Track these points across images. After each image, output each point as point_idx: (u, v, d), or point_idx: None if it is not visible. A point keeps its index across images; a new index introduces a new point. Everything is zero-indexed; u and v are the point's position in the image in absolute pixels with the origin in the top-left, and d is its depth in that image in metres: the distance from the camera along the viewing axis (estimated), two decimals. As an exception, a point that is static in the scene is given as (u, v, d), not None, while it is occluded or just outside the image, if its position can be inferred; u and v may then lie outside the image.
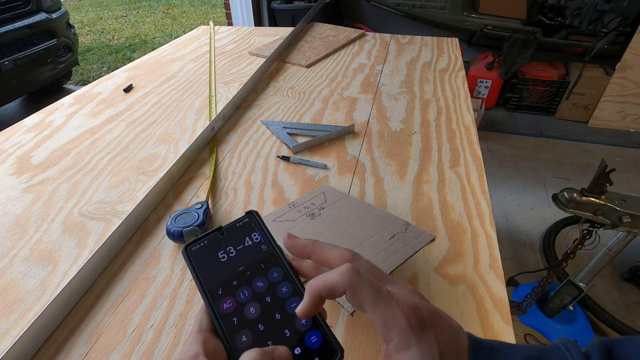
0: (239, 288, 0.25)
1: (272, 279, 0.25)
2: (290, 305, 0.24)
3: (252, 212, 0.28)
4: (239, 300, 0.24)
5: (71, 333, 0.42)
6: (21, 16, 2.36)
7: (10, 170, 0.69)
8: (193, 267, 0.25)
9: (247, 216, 0.28)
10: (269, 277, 0.25)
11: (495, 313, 0.43)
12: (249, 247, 0.26)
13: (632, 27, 2.10)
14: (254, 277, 0.25)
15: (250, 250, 0.26)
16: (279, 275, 0.25)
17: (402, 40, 1.26)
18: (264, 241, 0.27)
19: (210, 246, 0.26)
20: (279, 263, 0.26)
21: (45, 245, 0.53)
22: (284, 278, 0.25)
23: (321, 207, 0.54)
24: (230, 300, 0.24)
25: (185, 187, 0.63)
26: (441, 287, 0.46)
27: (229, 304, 0.24)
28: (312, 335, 0.23)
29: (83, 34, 4.72)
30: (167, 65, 1.12)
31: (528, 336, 1.25)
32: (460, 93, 0.91)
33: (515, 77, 2.45)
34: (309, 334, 0.23)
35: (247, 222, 0.28)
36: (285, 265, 0.26)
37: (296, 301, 0.24)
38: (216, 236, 0.27)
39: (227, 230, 0.27)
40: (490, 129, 2.38)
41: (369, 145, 0.73)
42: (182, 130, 0.79)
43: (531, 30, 2.32)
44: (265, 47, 1.21)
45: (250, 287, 0.25)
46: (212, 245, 0.26)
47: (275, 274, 0.25)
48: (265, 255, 0.26)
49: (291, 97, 0.92)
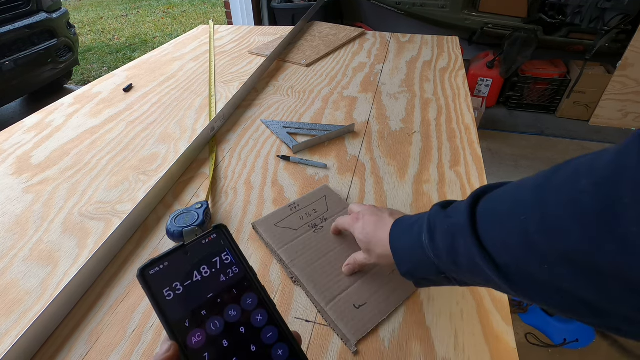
0: (209, 318, 0.22)
1: (246, 306, 0.23)
2: (266, 335, 0.22)
3: (220, 227, 0.25)
4: (209, 332, 0.21)
5: (71, 333, 0.42)
6: (21, 16, 2.36)
7: (10, 170, 0.69)
8: (152, 296, 0.21)
9: (214, 231, 0.24)
10: (242, 304, 0.23)
11: (495, 313, 0.42)
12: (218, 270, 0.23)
13: (633, 25, 2.10)
14: (226, 305, 0.22)
15: (220, 273, 0.23)
16: (253, 301, 0.23)
17: (403, 39, 1.26)
18: (235, 262, 0.24)
19: (172, 269, 0.22)
20: (252, 287, 0.23)
21: (45, 245, 0.53)
22: (259, 304, 0.23)
23: (323, 217, 0.54)
24: (200, 334, 0.21)
25: (185, 187, 0.63)
26: (441, 287, 0.45)
27: (198, 337, 0.21)
28: None
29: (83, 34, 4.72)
30: (167, 64, 1.12)
31: (529, 335, 1.25)
32: (461, 92, 0.90)
33: (516, 75, 2.45)
34: None
35: (214, 239, 0.24)
36: (259, 290, 0.23)
37: (272, 330, 0.22)
38: (179, 256, 0.23)
39: (192, 248, 0.23)
40: (490, 128, 2.37)
41: (369, 145, 0.72)
42: (182, 129, 0.79)
43: (532, 28, 2.31)
44: (265, 46, 1.21)
45: (222, 317, 0.22)
46: (174, 267, 0.22)
47: (249, 301, 0.23)
48: (237, 279, 0.23)
49: (291, 97, 0.92)
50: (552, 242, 0.22)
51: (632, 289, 0.19)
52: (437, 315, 0.43)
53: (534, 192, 0.24)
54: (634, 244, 0.17)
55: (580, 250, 0.20)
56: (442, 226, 0.31)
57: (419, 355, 0.39)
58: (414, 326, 0.42)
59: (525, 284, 0.25)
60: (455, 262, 0.30)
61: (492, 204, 0.28)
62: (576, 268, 0.21)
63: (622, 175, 0.18)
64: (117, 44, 4.38)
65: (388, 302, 0.43)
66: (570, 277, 0.21)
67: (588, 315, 0.22)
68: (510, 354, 0.39)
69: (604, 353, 1.21)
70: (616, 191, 0.18)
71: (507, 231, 0.25)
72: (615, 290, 0.19)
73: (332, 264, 0.47)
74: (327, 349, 0.40)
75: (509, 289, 0.26)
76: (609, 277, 0.19)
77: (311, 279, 0.46)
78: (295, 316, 0.43)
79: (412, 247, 0.35)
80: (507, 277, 0.26)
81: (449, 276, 0.33)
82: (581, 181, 0.20)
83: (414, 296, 0.45)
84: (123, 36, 4.60)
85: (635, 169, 0.17)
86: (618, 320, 0.21)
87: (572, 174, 0.22)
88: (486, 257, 0.26)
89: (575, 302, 0.22)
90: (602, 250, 0.19)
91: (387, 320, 0.42)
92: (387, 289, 0.45)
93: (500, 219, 0.26)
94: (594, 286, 0.20)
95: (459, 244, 0.29)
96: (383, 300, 0.44)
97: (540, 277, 0.23)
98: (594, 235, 0.19)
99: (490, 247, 0.27)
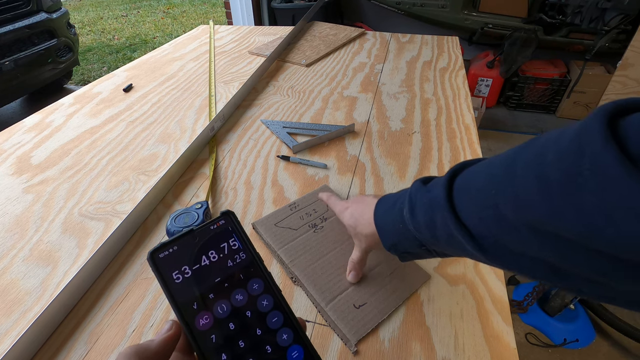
0: (216, 302, 0.22)
1: (252, 291, 0.23)
2: (271, 320, 0.23)
3: (228, 213, 0.25)
4: (216, 315, 0.22)
5: (71, 333, 0.42)
6: (21, 16, 2.36)
7: (10, 170, 0.69)
8: (162, 278, 0.22)
9: (222, 217, 0.25)
10: (248, 289, 0.23)
11: (496, 313, 0.42)
12: (226, 255, 0.24)
13: (633, 25, 2.10)
14: (233, 289, 0.23)
15: (228, 258, 0.24)
16: (260, 287, 0.23)
17: (403, 39, 1.26)
18: (242, 248, 0.24)
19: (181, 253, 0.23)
20: (259, 273, 0.24)
21: (45, 246, 0.53)
22: (265, 290, 0.23)
23: (323, 217, 0.54)
24: (207, 316, 0.22)
25: (185, 187, 0.63)
26: (441, 287, 0.45)
27: (205, 320, 0.22)
28: (293, 351, 0.22)
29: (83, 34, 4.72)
30: (167, 64, 1.12)
31: (529, 335, 1.25)
32: (461, 92, 0.90)
33: (516, 75, 2.45)
34: (291, 349, 0.22)
35: (222, 225, 0.25)
36: (265, 276, 0.24)
37: (277, 315, 0.23)
38: (188, 241, 0.23)
39: (200, 234, 0.24)
40: (491, 128, 2.37)
41: (369, 145, 0.72)
42: (182, 129, 0.79)
43: (532, 28, 2.31)
44: (265, 46, 1.21)
45: (229, 301, 0.22)
46: (183, 251, 0.23)
47: (256, 286, 0.23)
48: (244, 265, 0.24)
49: (291, 97, 0.92)
50: (520, 213, 0.24)
51: (590, 254, 0.20)
52: (437, 315, 0.43)
53: (505, 167, 0.26)
54: (591, 213, 0.19)
55: (545, 220, 0.22)
56: (422, 201, 0.33)
57: (419, 356, 0.39)
58: (414, 326, 0.42)
59: (498, 253, 0.27)
60: (434, 235, 0.32)
61: (468, 178, 0.30)
62: (542, 237, 0.23)
63: (584, 149, 0.20)
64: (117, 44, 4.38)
65: (388, 302, 0.43)
66: (537, 245, 0.23)
67: (554, 278, 0.24)
68: (510, 354, 0.39)
69: (604, 353, 1.20)
70: (578, 164, 0.20)
71: (480, 204, 0.27)
72: (577, 256, 0.21)
73: (332, 264, 0.47)
74: (327, 349, 0.40)
75: (484, 258, 0.28)
76: (571, 244, 0.21)
77: (311, 279, 0.46)
78: (295, 316, 0.43)
79: (395, 222, 0.36)
80: (481, 248, 0.28)
81: (429, 248, 0.35)
82: (547, 155, 0.22)
83: (414, 296, 0.45)
84: (123, 36, 4.60)
85: (595, 143, 0.19)
86: (580, 282, 0.23)
87: (540, 149, 0.23)
88: (462, 230, 0.28)
89: (543, 267, 0.24)
90: (564, 219, 0.21)
91: (387, 320, 0.42)
92: (387, 289, 0.45)
93: (474, 193, 0.28)
94: (559, 252, 0.22)
95: (437, 218, 0.31)
96: (383, 300, 0.44)
97: (511, 247, 0.25)
98: (557, 205, 0.21)
99: (465, 219, 0.28)
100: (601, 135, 0.19)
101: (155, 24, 4.99)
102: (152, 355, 0.21)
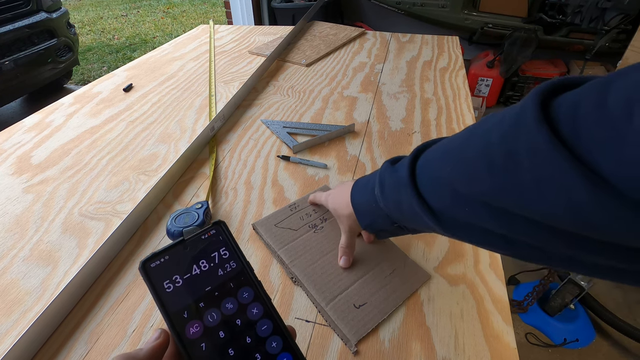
0: (207, 310, 0.23)
1: (242, 300, 0.23)
2: (261, 328, 0.23)
3: (219, 223, 0.25)
4: (206, 324, 0.22)
5: (71, 333, 0.42)
6: (21, 16, 2.36)
7: (10, 170, 0.69)
8: (153, 287, 0.22)
9: (213, 227, 0.25)
10: (238, 297, 0.23)
11: (496, 313, 0.42)
12: (216, 264, 0.24)
13: (633, 24, 2.09)
14: (223, 298, 0.23)
15: (218, 267, 0.24)
16: (249, 295, 0.24)
17: (403, 38, 1.26)
18: (232, 257, 0.24)
19: (172, 262, 0.23)
20: (249, 282, 0.24)
21: (45, 245, 0.53)
22: (255, 298, 0.24)
23: (323, 218, 0.54)
24: (197, 325, 0.22)
25: (185, 187, 0.63)
26: (441, 287, 0.45)
27: (195, 328, 0.22)
28: (283, 358, 0.22)
29: (83, 34, 4.71)
30: (167, 64, 1.12)
31: (529, 335, 1.25)
32: (461, 92, 0.90)
33: (516, 75, 2.44)
34: (280, 356, 0.22)
35: (213, 235, 0.25)
36: (255, 284, 0.24)
37: (267, 323, 0.23)
38: (179, 250, 0.24)
39: (191, 243, 0.24)
40: (491, 128, 2.37)
41: (369, 145, 0.72)
42: (182, 129, 0.79)
43: (532, 28, 2.31)
44: (265, 46, 1.21)
45: (219, 309, 0.23)
46: (174, 261, 0.23)
47: (246, 294, 0.24)
48: (234, 274, 0.24)
49: (291, 97, 0.92)
50: (471, 188, 0.26)
51: (531, 224, 0.23)
52: (437, 315, 0.43)
53: (458, 146, 0.28)
54: (528, 188, 0.21)
55: (492, 195, 0.24)
56: (390, 180, 0.36)
57: (419, 356, 0.39)
58: (414, 326, 0.42)
59: (454, 226, 0.30)
60: (401, 212, 0.35)
61: (428, 158, 0.32)
62: (491, 210, 0.25)
63: (519, 129, 0.22)
64: (117, 43, 4.38)
65: (388, 302, 0.43)
66: (487, 217, 0.26)
67: (503, 247, 0.27)
68: (511, 353, 0.39)
69: (603, 353, 1.21)
70: (515, 144, 0.22)
71: (438, 181, 0.30)
72: (521, 226, 0.24)
73: (332, 264, 0.47)
74: (327, 349, 0.40)
75: (442, 230, 0.31)
76: (514, 215, 0.24)
77: (311, 279, 0.46)
78: (295, 316, 0.43)
79: (369, 202, 0.39)
80: (439, 221, 0.30)
81: (400, 225, 0.37)
82: (493, 135, 0.24)
83: (414, 296, 0.45)
84: (123, 36, 4.60)
85: (530, 126, 0.21)
86: (523, 248, 0.26)
87: (487, 128, 0.25)
88: (424, 205, 0.31)
89: (493, 237, 0.27)
90: (507, 194, 0.23)
91: (387, 320, 0.42)
92: (387, 289, 0.45)
93: (433, 171, 0.31)
94: (506, 223, 0.25)
95: (402, 195, 0.33)
96: (383, 300, 0.44)
97: (465, 219, 0.28)
98: (500, 182, 0.23)
99: (426, 195, 0.31)
100: (535, 117, 0.20)
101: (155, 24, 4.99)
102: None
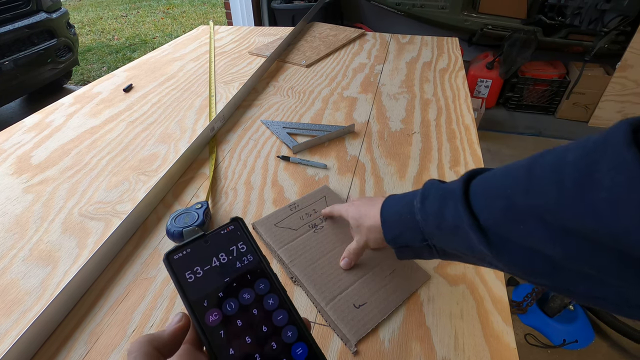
0: (225, 300, 0.24)
1: (259, 291, 0.25)
2: (276, 318, 0.24)
3: (237, 219, 0.27)
4: (225, 312, 0.23)
5: (71, 333, 0.42)
6: (21, 16, 2.36)
7: (10, 170, 0.69)
8: (176, 277, 0.24)
9: (232, 223, 0.27)
10: (255, 288, 0.25)
11: (495, 313, 0.43)
12: (234, 257, 0.25)
13: (632, 26, 2.10)
14: (240, 288, 0.24)
15: (236, 260, 0.25)
16: (266, 287, 0.25)
17: (402, 39, 1.26)
18: (249, 251, 0.26)
19: (193, 255, 0.25)
20: (265, 274, 0.25)
21: (45, 245, 0.53)
22: (271, 290, 0.25)
23: (323, 217, 0.54)
24: (217, 313, 0.23)
25: (185, 187, 0.63)
26: (441, 287, 0.46)
27: (215, 316, 0.23)
28: (298, 348, 0.23)
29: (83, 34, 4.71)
30: (167, 65, 1.12)
31: (528, 336, 1.25)
32: (460, 93, 0.91)
33: (516, 76, 2.45)
34: (295, 346, 0.23)
35: (232, 230, 0.26)
36: (271, 277, 0.25)
37: (282, 313, 0.24)
38: (200, 244, 0.25)
39: (211, 238, 0.26)
40: (490, 129, 2.37)
41: (369, 145, 0.73)
42: (182, 130, 0.79)
43: (531, 29, 2.31)
44: (265, 46, 1.21)
45: (237, 299, 0.24)
46: (195, 254, 0.25)
47: (262, 286, 0.25)
48: (251, 266, 0.25)
49: (291, 97, 0.92)
50: (532, 201, 0.25)
51: (594, 246, 0.22)
52: (437, 315, 0.43)
53: (524, 168, 0.27)
54: (602, 206, 0.20)
55: (555, 209, 0.23)
56: (436, 192, 0.35)
57: (419, 356, 0.39)
58: (414, 326, 0.42)
59: (501, 243, 0.28)
60: (439, 226, 0.33)
61: (486, 177, 0.31)
62: (548, 227, 0.24)
63: (605, 148, 0.21)
64: (117, 44, 4.38)
65: (388, 302, 0.44)
66: (541, 235, 0.24)
67: (547, 273, 0.26)
68: (510, 354, 0.39)
69: (603, 354, 1.21)
70: (596, 162, 0.21)
71: (495, 192, 0.29)
72: (580, 248, 0.22)
73: (332, 264, 0.47)
74: (327, 349, 0.40)
75: (485, 249, 0.29)
76: (574, 235, 0.22)
77: (311, 279, 0.46)
78: (295, 316, 0.43)
79: (402, 213, 0.38)
80: (486, 238, 0.29)
81: (430, 243, 0.35)
82: (569, 155, 0.23)
83: (414, 296, 0.45)
84: (123, 36, 4.60)
85: (618, 144, 0.20)
86: (574, 278, 0.24)
87: (562, 151, 0.25)
88: (471, 218, 0.29)
89: (541, 260, 0.26)
90: (573, 210, 0.22)
91: (387, 320, 0.42)
92: (387, 289, 0.45)
93: (490, 187, 0.30)
94: (562, 244, 0.23)
95: (448, 207, 0.32)
96: (383, 300, 0.44)
97: (515, 237, 0.27)
98: (568, 196, 0.22)
99: (476, 208, 0.30)
100: (625, 137, 0.20)
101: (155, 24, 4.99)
102: (164, 345, 0.23)
